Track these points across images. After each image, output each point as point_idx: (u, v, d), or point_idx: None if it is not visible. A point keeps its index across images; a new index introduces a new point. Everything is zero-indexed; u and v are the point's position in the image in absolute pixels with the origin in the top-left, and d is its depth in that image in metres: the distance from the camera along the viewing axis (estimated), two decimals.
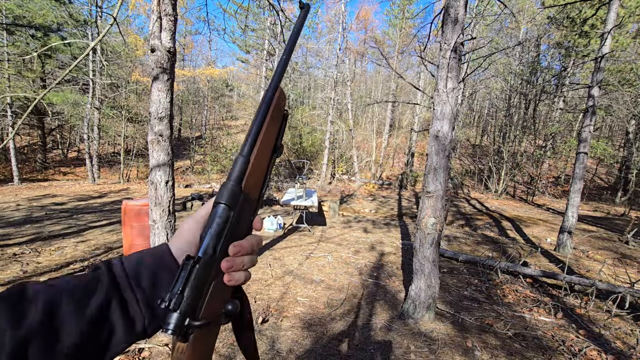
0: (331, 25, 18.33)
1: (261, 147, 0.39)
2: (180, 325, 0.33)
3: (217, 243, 0.36)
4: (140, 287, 0.37)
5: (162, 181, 3.08)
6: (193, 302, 0.34)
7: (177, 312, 0.33)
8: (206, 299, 0.36)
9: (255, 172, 0.39)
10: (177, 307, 0.33)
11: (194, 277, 0.34)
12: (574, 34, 12.37)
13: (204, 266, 0.35)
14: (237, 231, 0.38)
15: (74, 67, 2.37)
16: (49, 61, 13.74)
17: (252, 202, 0.40)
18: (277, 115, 0.41)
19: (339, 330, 2.84)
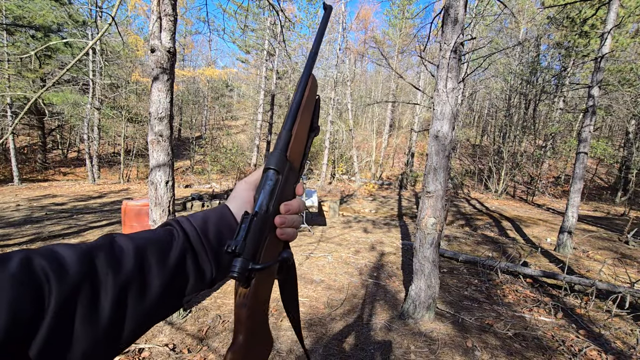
0: (331, 25, 18.34)
1: (300, 124, 0.45)
2: (244, 268, 0.36)
3: (270, 201, 0.41)
4: (208, 241, 0.40)
5: (162, 181, 3.08)
6: (254, 249, 0.38)
7: (241, 256, 0.36)
8: (264, 248, 0.40)
9: (297, 145, 0.45)
10: (241, 252, 0.36)
11: (252, 228, 0.38)
12: (573, 34, 12.38)
13: (261, 220, 0.39)
14: (285, 193, 0.43)
15: (72, 66, 2.37)
16: (49, 61, 13.74)
17: (295, 170, 0.45)
18: (311, 98, 0.47)
19: (339, 330, 2.83)
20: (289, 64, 17.45)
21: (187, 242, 0.39)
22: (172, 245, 0.38)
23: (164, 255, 0.36)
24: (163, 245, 0.37)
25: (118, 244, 0.34)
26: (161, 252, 0.36)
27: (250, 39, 18.75)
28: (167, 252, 0.37)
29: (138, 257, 0.34)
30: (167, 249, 0.37)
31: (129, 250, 0.34)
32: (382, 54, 12.58)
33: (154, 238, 0.37)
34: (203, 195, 9.57)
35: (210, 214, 0.43)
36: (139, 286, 0.33)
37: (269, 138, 13.99)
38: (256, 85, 18.68)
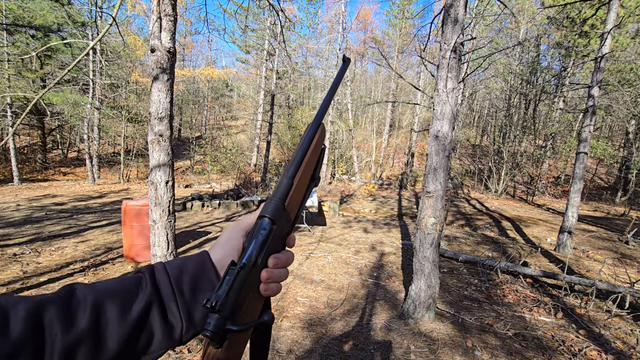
0: (331, 26, 18.36)
1: (303, 173, 0.43)
2: (220, 328, 0.33)
3: (260, 253, 0.38)
4: (181, 293, 0.37)
5: (162, 181, 3.08)
6: (235, 306, 0.34)
7: (219, 314, 0.33)
8: (245, 307, 0.36)
9: (296, 194, 0.43)
10: (221, 308, 0.33)
11: (237, 282, 0.35)
12: (573, 34, 12.38)
13: (247, 273, 0.36)
14: (275, 245, 0.40)
15: (73, 67, 2.37)
16: (49, 61, 13.74)
17: (290, 221, 0.42)
18: (317, 148, 0.46)
19: (339, 330, 2.83)
20: (289, 64, 17.45)
21: (155, 294, 0.35)
22: (137, 297, 0.34)
23: (125, 308, 0.33)
24: (126, 296, 0.34)
25: (76, 297, 0.32)
26: (122, 305, 0.33)
27: (250, 39, 18.76)
28: (130, 305, 0.34)
29: (94, 311, 0.32)
30: (129, 301, 0.34)
31: (87, 303, 0.32)
32: (382, 54, 12.59)
33: (116, 289, 0.34)
34: (203, 195, 9.57)
35: (189, 262, 0.40)
36: (93, 344, 0.31)
37: (269, 138, 13.99)
38: (256, 85, 18.69)
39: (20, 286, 3.44)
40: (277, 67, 14.96)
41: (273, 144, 17.46)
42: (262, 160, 14.46)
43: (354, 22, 22.20)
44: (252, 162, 15.79)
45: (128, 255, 4.28)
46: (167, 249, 3.21)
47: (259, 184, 12.52)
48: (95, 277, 3.78)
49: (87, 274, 3.86)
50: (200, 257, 0.41)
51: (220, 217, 7.61)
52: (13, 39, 12.06)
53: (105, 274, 3.92)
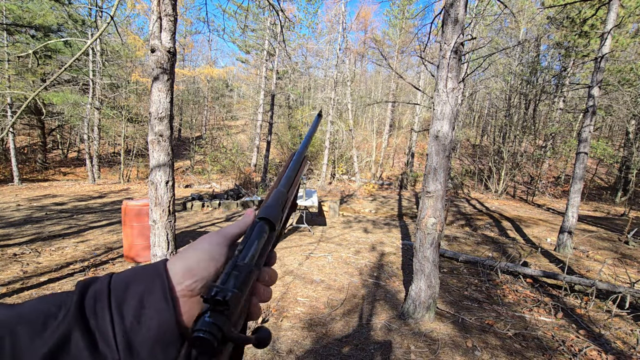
0: (331, 25, 18.34)
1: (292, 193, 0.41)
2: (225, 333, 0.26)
3: (260, 259, 0.32)
4: (121, 317, 0.28)
5: (162, 181, 3.08)
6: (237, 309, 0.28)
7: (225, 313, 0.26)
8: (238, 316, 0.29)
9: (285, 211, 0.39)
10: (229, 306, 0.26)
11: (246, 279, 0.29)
12: (573, 34, 12.38)
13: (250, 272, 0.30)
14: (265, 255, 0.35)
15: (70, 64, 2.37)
16: (49, 61, 13.74)
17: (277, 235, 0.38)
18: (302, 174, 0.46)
19: (339, 330, 2.83)
20: (289, 64, 17.45)
21: (79, 319, 0.27)
22: (52, 323, 0.27)
23: (34, 337, 0.26)
24: (38, 322, 0.27)
25: None
26: (32, 333, 0.26)
27: (250, 39, 18.75)
28: (40, 333, 0.26)
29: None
30: (41, 328, 0.26)
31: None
32: (382, 54, 12.59)
33: (30, 312, 0.27)
34: (203, 195, 9.57)
35: (139, 275, 0.31)
36: None
37: (269, 138, 13.98)
38: (256, 85, 18.69)
39: (21, 286, 3.44)
40: (277, 67, 14.96)
41: (273, 144, 17.47)
42: (262, 160, 14.46)
43: (354, 22, 22.21)
44: (252, 162, 15.78)
45: (128, 255, 4.29)
46: (167, 249, 3.22)
47: (259, 184, 12.52)
48: None
49: (87, 274, 3.86)
50: (154, 268, 0.32)
51: (220, 217, 7.61)
52: (13, 39, 12.06)
53: (105, 273, 3.92)
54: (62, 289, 3.42)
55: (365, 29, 23.96)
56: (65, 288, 3.45)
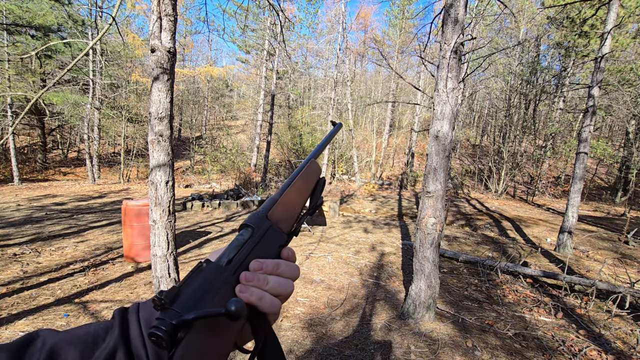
0: (331, 25, 18.34)
1: (291, 193, 0.44)
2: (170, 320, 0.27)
3: (233, 254, 0.35)
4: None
5: (162, 181, 3.08)
6: (193, 302, 0.29)
7: (169, 307, 0.28)
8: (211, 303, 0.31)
9: (284, 209, 0.42)
10: (170, 302, 0.28)
11: (200, 276, 0.31)
12: (573, 34, 12.37)
13: (213, 269, 0.33)
14: (261, 252, 0.37)
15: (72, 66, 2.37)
16: (49, 61, 13.75)
17: (280, 231, 0.41)
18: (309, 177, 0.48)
19: (339, 330, 2.83)
20: (289, 64, 17.44)
21: (122, 339, 0.31)
22: (102, 343, 0.31)
23: (86, 355, 0.30)
24: (90, 342, 0.31)
25: (34, 344, 0.29)
26: (84, 352, 0.30)
27: (250, 39, 18.75)
28: (91, 354, 0.30)
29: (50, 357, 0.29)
30: (92, 347, 0.30)
31: (43, 351, 0.29)
32: (382, 54, 12.58)
33: (81, 334, 0.31)
34: (203, 195, 9.57)
35: None
36: None
37: (269, 138, 13.98)
38: (256, 85, 18.68)
39: (21, 286, 3.44)
40: (277, 67, 14.96)
41: (273, 144, 17.46)
42: (262, 160, 14.46)
43: (354, 22, 22.21)
44: (252, 162, 15.78)
45: (128, 255, 4.29)
46: (167, 249, 3.21)
47: (259, 184, 12.52)
48: (95, 277, 3.78)
49: (87, 274, 3.86)
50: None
51: (220, 217, 7.61)
52: (13, 39, 12.06)
53: (105, 273, 3.92)
54: (62, 289, 3.42)
55: (365, 29, 23.96)
56: (65, 288, 3.45)
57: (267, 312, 0.34)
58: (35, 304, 3.08)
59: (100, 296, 3.31)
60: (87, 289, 3.46)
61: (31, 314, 2.90)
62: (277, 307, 0.35)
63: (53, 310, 2.99)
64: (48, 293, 3.33)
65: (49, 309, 3.01)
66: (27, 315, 2.86)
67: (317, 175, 0.50)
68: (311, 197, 0.49)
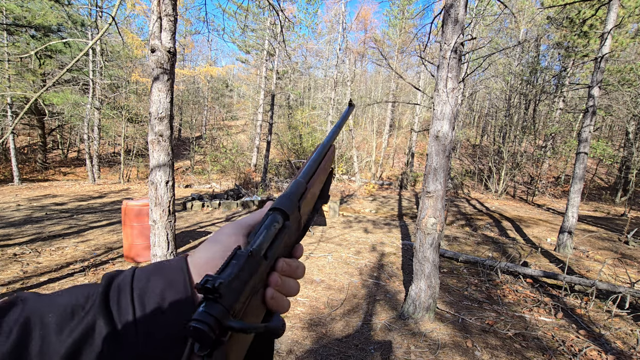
0: (331, 25, 18.36)
1: (316, 182, 0.41)
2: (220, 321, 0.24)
3: (270, 247, 0.31)
4: (143, 307, 0.29)
5: (162, 181, 3.08)
6: (237, 299, 0.26)
7: (219, 301, 0.24)
8: (246, 306, 0.28)
9: (309, 200, 0.39)
10: (223, 294, 0.25)
11: (247, 268, 0.27)
12: (573, 34, 12.38)
13: (256, 263, 0.29)
14: (283, 249, 0.34)
15: (72, 66, 2.38)
16: (49, 61, 13.75)
17: (299, 226, 0.38)
18: (328, 164, 0.44)
19: (339, 331, 2.83)
20: (289, 64, 17.46)
21: (103, 307, 0.28)
22: (80, 312, 0.28)
23: (62, 325, 0.27)
24: (67, 311, 0.28)
25: (13, 311, 0.27)
26: (60, 322, 0.27)
27: (250, 39, 18.76)
28: (69, 322, 0.27)
29: (24, 329, 0.26)
30: (69, 316, 0.28)
31: (19, 318, 0.27)
32: (382, 54, 12.58)
33: (60, 301, 0.29)
34: (203, 195, 9.57)
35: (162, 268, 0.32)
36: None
37: (269, 138, 13.98)
38: (256, 85, 18.69)
39: (20, 286, 3.44)
40: (277, 67, 14.96)
41: (273, 144, 17.47)
42: (262, 160, 14.46)
43: (354, 22, 22.19)
44: (252, 162, 15.79)
45: (128, 255, 4.29)
46: (167, 249, 3.21)
47: (259, 184, 12.53)
48: (95, 277, 3.78)
49: (87, 274, 3.86)
50: (176, 263, 0.32)
51: (220, 217, 7.61)
52: (13, 39, 12.06)
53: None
54: (62, 289, 3.42)
55: (365, 29, 23.95)
56: (65, 288, 3.45)
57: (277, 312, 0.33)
58: None
59: None
60: None
61: None
62: (288, 307, 0.33)
63: None
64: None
65: None
66: None
67: (332, 162, 0.47)
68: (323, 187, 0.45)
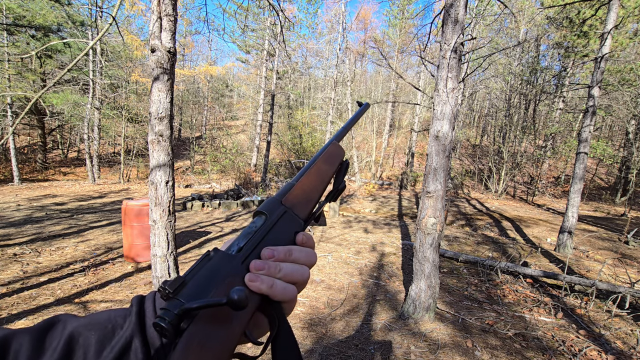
0: (331, 25, 18.35)
1: (309, 178, 0.43)
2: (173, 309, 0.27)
3: (244, 242, 0.34)
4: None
5: (162, 181, 3.08)
6: (198, 288, 0.29)
7: (177, 297, 0.29)
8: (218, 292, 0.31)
9: (302, 194, 0.42)
10: (178, 290, 0.29)
11: (208, 265, 0.31)
12: (572, 35, 12.38)
13: (221, 258, 0.32)
14: (275, 239, 0.37)
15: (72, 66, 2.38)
16: (49, 61, 13.75)
17: (296, 217, 0.40)
18: (330, 160, 0.47)
19: (339, 331, 2.83)
20: (289, 64, 17.45)
21: (138, 327, 0.31)
22: (120, 330, 0.31)
23: (103, 343, 0.30)
24: (108, 329, 0.31)
25: (54, 329, 0.30)
26: (102, 339, 0.30)
27: (250, 39, 18.75)
28: (109, 340, 0.30)
29: (68, 345, 0.29)
30: (109, 335, 0.31)
31: (63, 335, 0.29)
32: (382, 54, 12.59)
33: (99, 320, 0.32)
34: (203, 195, 9.57)
35: None
36: None
37: (269, 138, 13.98)
38: (256, 85, 18.69)
39: (21, 286, 3.44)
40: (277, 67, 14.96)
41: (273, 144, 17.47)
42: (262, 160, 14.46)
43: (354, 22, 22.21)
44: (252, 162, 15.79)
45: (128, 255, 4.29)
46: (167, 249, 3.21)
47: (259, 184, 12.53)
48: (95, 277, 3.78)
49: (87, 274, 3.86)
50: None
51: (220, 217, 7.61)
52: (13, 39, 12.06)
53: (105, 273, 3.92)
54: (62, 289, 3.42)
55: (365, 29, 23.96)
56: (65, 288, 3.45)
57: (280, 301, 0.33)
58: (35, 304, 3.08)
59: (100, 296, 3.31)
60: (87, 289, 3.46)
61: (31, 313, 2.89)
62: (291, 295, 0.34)
63: (53, 310, 2.99)
64: (48, 293, 3.33)
65: (49, 309, 3.01)
66: (27, 315, 2.86)
67: (340, 158, 0.48)
68: (334, 181, 0.47)
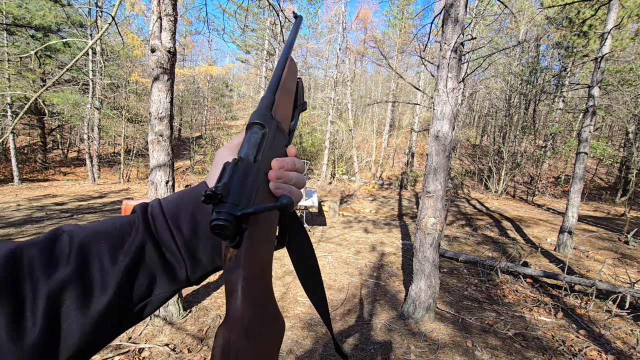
0: (331, 25, 18.36)
1: (282, 92, 0.43)
2: (231, 214, 0.28)
3: (256, 153, 0.35)
4: (179, 230, 0.33)
5: (162, 181, 3.08)
6: (241, 195, 0.30)
7: (226, 200, 0.29)
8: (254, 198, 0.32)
9: (282, 108, 0.42)
10: (225, 194, 0.29)
11: (239, 171, 0.32)
12: (572, 35, 12.37)
13: (247, 166, 0.33)
14: (274, 151, 0.38)
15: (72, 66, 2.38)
16: (49, 61, 13.74)
17: (283, 131, 0.41)
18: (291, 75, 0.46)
19: (340, 330, 2.83)
20: None
21: (148, 233, 0.32)
22: (129, 238, 0.31)
23: (116, 250, 0.30)
24: (117, 237, 0.31)
25: (62, 239, 0.29)
26: (113, 247, 0.30)
27: (250, 38, 18.76)
28: (121, 247, 0.30)
29: (81, 254, 0.28)
30: (120, 242, 0.31)
31: (73, 245, 0.28)
32: (382, 53, 12.58)
33: (106, 230, 0.31)
34: None
35: (186, 196, 0.36)
36: (82, 289, 0.27)
37: None
38: (256, 85, 18.69)
39: None
40: None
41: None
42: None
43: (354, 22, 22.20)
44: None
45: None
46: None
47: None
48: None
49: None
50: (197, 189, 0.37)
51: None
52: (13, 39, 12.06)
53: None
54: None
55: (365, 28, 23.96)
56: None
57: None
58: None
59: None
60: None
61: None
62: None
63: None
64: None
65: None
66: None
67: (296, 73, 0.49)
68: (295, 97, 0.48)
